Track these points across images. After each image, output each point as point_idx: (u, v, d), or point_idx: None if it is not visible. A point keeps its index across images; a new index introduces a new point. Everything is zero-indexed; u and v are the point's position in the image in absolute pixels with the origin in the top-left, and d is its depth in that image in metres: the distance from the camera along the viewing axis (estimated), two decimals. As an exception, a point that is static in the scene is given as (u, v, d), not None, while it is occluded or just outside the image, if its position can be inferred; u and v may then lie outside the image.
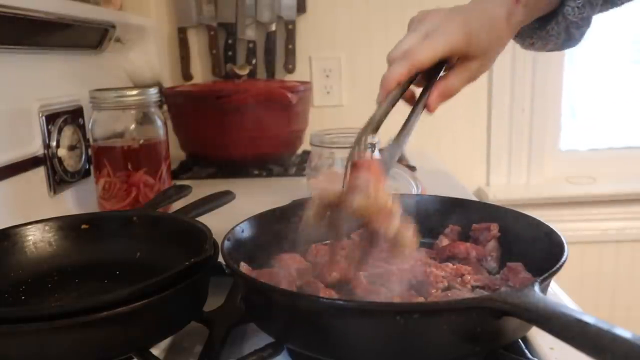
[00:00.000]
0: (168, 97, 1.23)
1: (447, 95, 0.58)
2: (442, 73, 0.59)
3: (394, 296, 0.49)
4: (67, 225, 0.64)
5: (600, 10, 0.64)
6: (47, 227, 0.63)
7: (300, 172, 1.20)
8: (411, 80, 0.57)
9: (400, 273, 0.53)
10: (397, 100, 0.57)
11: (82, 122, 0.94)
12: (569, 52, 1.56)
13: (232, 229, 0.58)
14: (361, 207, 0.48)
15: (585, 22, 0.62)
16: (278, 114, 1.19)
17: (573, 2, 0.59)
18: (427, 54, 0.55)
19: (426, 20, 0.58)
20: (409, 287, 0.52)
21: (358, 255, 0.53)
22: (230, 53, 1.48)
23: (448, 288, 0.52)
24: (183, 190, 0.79)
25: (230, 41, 1.48)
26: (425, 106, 0.58)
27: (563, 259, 0.47)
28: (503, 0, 0.57)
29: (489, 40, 0.57)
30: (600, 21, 0.67)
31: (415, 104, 0.59)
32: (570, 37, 0.64)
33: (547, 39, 0.65)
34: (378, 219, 0.48)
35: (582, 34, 0.64)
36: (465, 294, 0.50)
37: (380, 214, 0.48)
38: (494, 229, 0.60)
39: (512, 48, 0.68)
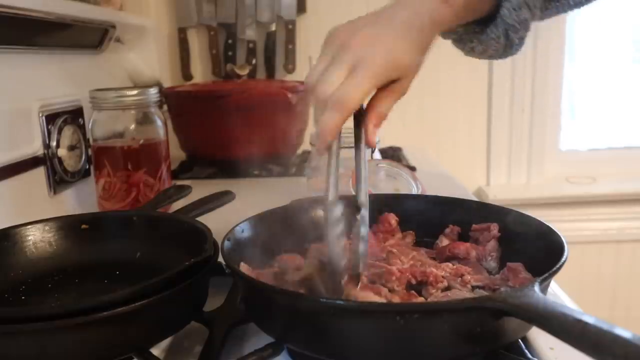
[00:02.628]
0: (168, 97, 1.23)
1: (381, 122, 0.56)
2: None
3: (393, 295, 0.49)
4: (67, 225, 0.64)
5: (542, 17, 0.62)
6: (47, 227, 0.63)
7: (300, 172, 1.20)
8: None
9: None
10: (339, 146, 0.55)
11: (82, 122, 0.94)
12: (569, 52, 1.56)
13: (232, 229, 0.58)
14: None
15: (523, 26, 0.60)
16: (278, 114, 1.19)
17: (509, 3, 0.57)
18: (357, 96, 0.52)
19: (346, 47, 0.54)
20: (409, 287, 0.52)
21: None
22: (230, 53, 1.48)
23: (448, 288, 0.52)
24: (183, 190, 0.79)
25: (230, 41, 1.48)
26: (366, 142, 0.56)
27: (563, 259, 0.47)
28: (425, 2, 0.55)
29: (417, 58, 0.54)
30: (601, 21, 0.66)
31: (356, 145, 0.58)
32: (510, 42, 0.61)
33: (487, 43, 0.62)
34: None
35: (521, 39, 0.61)
36: (465, 294, 0.50)
37: None
38: (494, 229, 0.60)
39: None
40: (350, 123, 0.58)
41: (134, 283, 0.45)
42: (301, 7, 1.47)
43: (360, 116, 0.56)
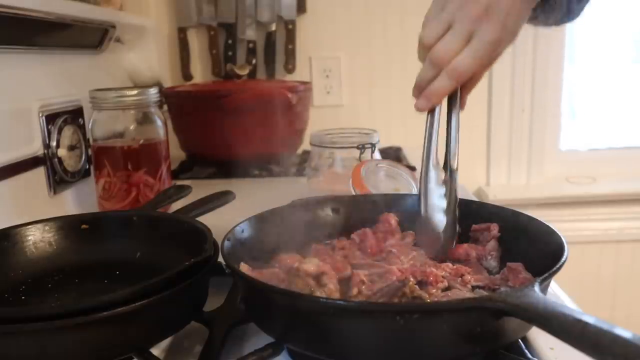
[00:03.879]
0: (168, 97, 1.23)
1: (473, 87, 0.58)
2: None
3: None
4: (67, 225, 0.64)
5: None
6: (47, 227, 0.63)
7: (300, 172, 1.20)
8: None
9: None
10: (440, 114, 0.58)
11: (82, 122, 0.94)
12: (569, 52, 1.56)
13: (232, 229, 0.58)
14: None
15: None
16: (278, 114, 1.19)
17: None
18: (473, 69, 0.55)
19: (466, 12, 0.55)
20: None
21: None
22: (230, 53, 1.48)
23: (448, 288, 0.52)
24: (183, 190, 0.79)
25: (230, 41, 1.48)
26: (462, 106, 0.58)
27: (563, 259, 0.47)
28: None
29: (518, 22, 0.56)
30: (601, 21, 0.67)
31: (448, 111, 0.59)
32: (570, 11, 0.64)
33: (549, 12, 0.64)
34: None
35: (581, 9, 0.65)
36: (465, 294, 0.50)
37: None
38: (494, 229, 0.60)
39: (513, 48, 0.68)
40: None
41: (134, 283, 0.45)
42: (301, 7, 1.47)
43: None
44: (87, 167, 0.95)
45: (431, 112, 0.58)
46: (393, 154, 1.34)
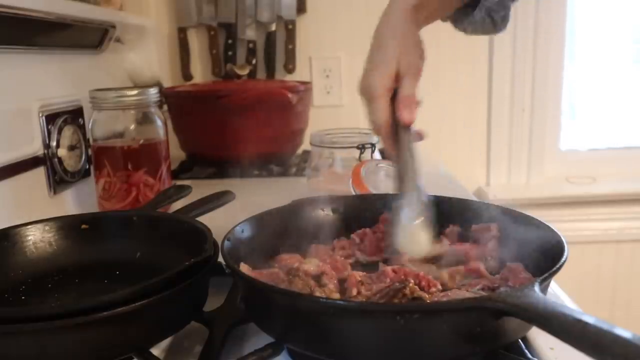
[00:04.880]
0: (168, 97, 1.23)
1: (409, 102, 0.61)
2: None
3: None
4: (67, 225, 0.64)
5: None
6: (47, 227, 0.63)
7: (300, 172, 1.20)
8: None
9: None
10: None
11: (82, 122, 0.94)
12: (569, 52, 1.56)
13: (232, 229, 0.58)
14: None
15: (501, 7, 0.67)
16: (278, 114, 1.19)
17: None
18: (380, 119, 0.61)
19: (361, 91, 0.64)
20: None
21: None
22: (230, 53, 1.48)
23: (448, 288, 0.52)
24: (183, 190, 0.79)
25: (230, 41, 1.48)
26: (402, 123, 0.60)
27: (563, 259, 0.47)
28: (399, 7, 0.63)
29: (401, 55, 0.62)
30: (601, 21, 0.68)
31: (397, 138, 0.61)
32: (494, 22, 0.69)
33: (474, 24, 0.69)
34: None
35: (502, 18, 0.69)
36: (465, 294, 0.50)
37: None
38: (494, 229, 0.60)
39: (512, 48, 0.69)
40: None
41: (134, 283, 0.45)
42: (301, 7, 1.47)
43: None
44: (87, 167, 0.95)
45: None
46: (393, 154, 1.34)
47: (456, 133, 1.56)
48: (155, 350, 0.49)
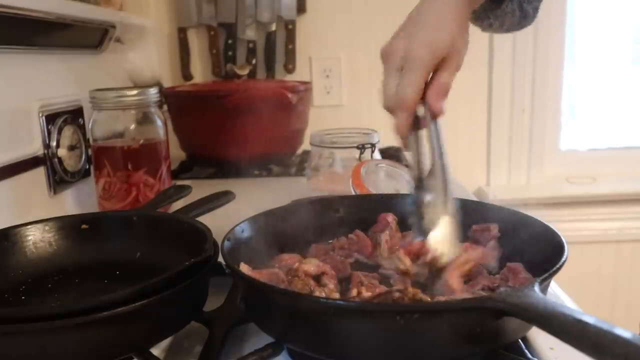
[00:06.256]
0: (168, 97, 1.23)
1: (443, 91, 0.58)
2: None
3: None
4: (67, 225, 0.64)
5: None
6: (47, 227, 0.63)
7: (300, 172, 1.20)
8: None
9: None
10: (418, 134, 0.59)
11: (82, 122, 0.94)
12: (569, 52, 1.56)
13: (232, 229, 0.58)
14: None
15: None
16: (278, 114, 1.19)
17: None
18: (411, 91, 0.56)
19: (390, 55, 0.59)
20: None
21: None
22: (230, 53, 1.48)
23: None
24: (183, 190, 0.79)
25: (230, 41, 1.48)
26: (432, 113, 0.58)
27: (563, 259, 0.47)
28: None
29: (456, 40, 0.57)
30: (601, 21, 0.68)
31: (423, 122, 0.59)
32: (525, 13, 0.66)
33: (503, 18, 0.66)
34: None
35: (535, 9, 0.67)
36: (465, 294, 0.50)
37: None
38: (494, 229, 0.60)
39: (513, 48, 0.69)
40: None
41: (134, 283, 0.45)
42: (301, 7, 1.47)
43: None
44: (87, 167, 0.95)
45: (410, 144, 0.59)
46: (393, 154, 1.34)
47: (456, 133, 1.56)
48: (155, 350, 0.49)
